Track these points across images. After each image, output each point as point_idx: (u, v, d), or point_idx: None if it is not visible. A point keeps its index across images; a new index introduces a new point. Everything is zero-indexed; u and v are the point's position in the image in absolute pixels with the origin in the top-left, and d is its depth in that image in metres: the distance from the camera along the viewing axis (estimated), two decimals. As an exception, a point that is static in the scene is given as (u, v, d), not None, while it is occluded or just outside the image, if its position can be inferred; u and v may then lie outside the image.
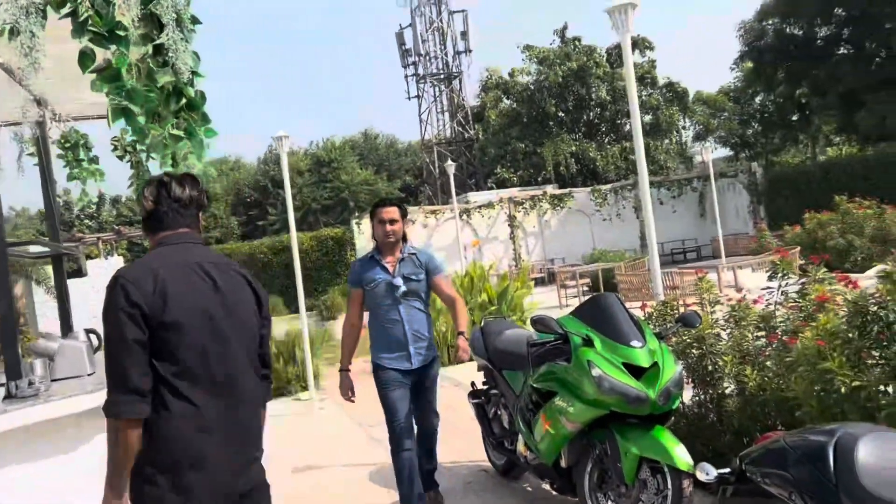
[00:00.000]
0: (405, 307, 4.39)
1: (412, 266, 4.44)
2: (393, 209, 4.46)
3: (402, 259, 4.44)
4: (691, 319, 3.95)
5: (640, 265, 16.00)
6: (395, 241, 4.43)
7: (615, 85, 34.48)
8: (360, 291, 4.47)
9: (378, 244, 4.50)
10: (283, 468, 6.13)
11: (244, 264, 20.64)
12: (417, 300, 4.44)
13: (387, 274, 4.40)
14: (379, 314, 4.46)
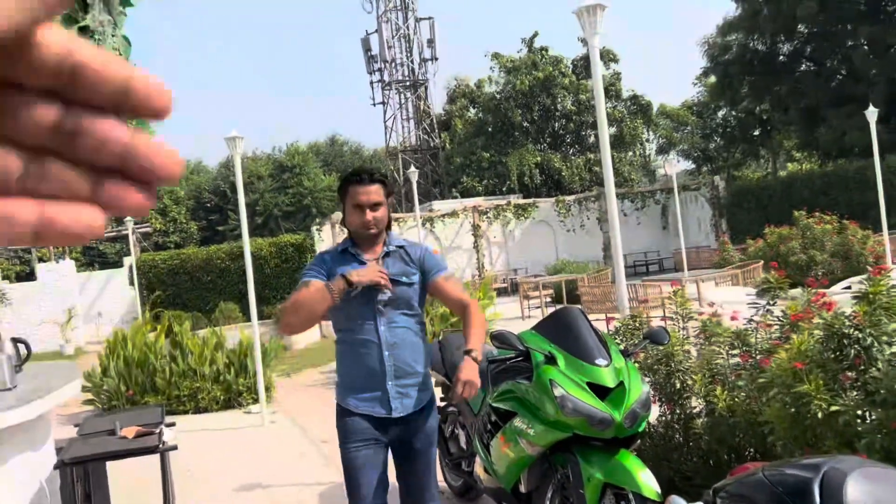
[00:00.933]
0: (386, 324, 2.95)
1: (401, 264, 3.03)
2: (374, 188, 2.95)
3: (386, 254, 3.03)
4: (659, 336, 3.73)
5: (603, 276, 15.91)
6: (377, 233, 3.00)
7: (580, 96, 34.63)
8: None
9: (352, 234, 3.07)
10: (227, 485, 5.79)
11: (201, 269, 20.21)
12: (406, 314, 3.01)
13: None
14: (349, 333, 3.01)
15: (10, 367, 3.89)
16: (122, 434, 3.94)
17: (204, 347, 9.12)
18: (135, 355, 9.05)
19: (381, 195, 2.99)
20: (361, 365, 3.00)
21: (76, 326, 21.05)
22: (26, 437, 3.83)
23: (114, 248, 36.08)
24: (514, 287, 22.99)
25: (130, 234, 22.39)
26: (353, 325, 2.99)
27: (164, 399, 8.75)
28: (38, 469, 4.08)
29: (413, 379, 3.01)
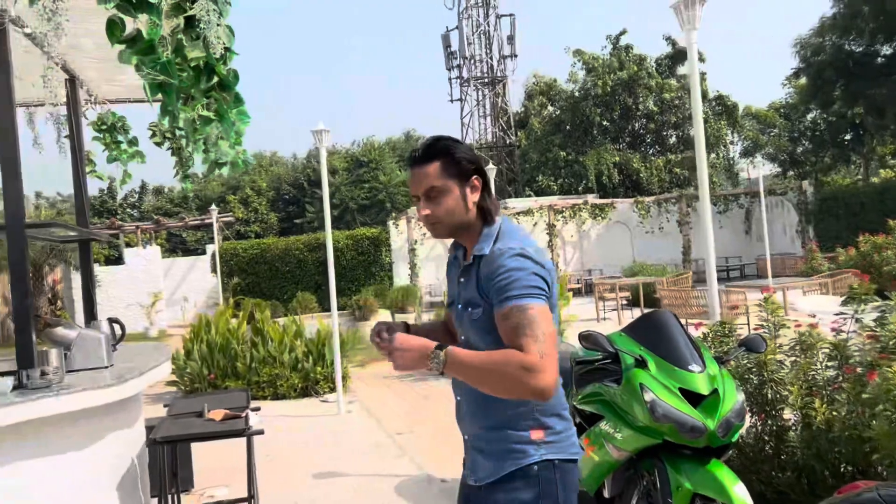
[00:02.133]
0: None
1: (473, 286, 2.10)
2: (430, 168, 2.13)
3: (468, 265, 2.15)
4: (756, 344, 3.59)
5: (682, 280, 15.52)
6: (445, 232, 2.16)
7: (663, 96, 33.88)
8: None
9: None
10: (304, 471, 5.88)
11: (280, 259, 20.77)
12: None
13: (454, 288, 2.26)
14: None
15: (108, 346, 4.03)
16: (209, 416, 4.04)
17: (284, 335, 9.31)
18: (217, 340, 9.30)
19: (441, 177, 2.11)
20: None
21: (160, 310, 21.84)
22: (121, 415, 3.97)
23: (195, 236, 37.25)
24: (588, 288, 22.68)
25: (214, 223, 23.06)
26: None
27: (244, 384, 8.96)
28: (130, 445, 4.23)
29: (485, 439, 2.17)
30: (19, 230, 3.47)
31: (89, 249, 5.18)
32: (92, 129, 5.88)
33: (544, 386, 1.84)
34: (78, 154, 5.25)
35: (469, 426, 2.25)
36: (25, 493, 3.31)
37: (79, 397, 3.33)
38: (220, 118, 3.14)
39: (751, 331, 6.90)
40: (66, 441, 3.50)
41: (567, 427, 2.13)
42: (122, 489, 3.95)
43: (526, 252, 1.99)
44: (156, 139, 6.00)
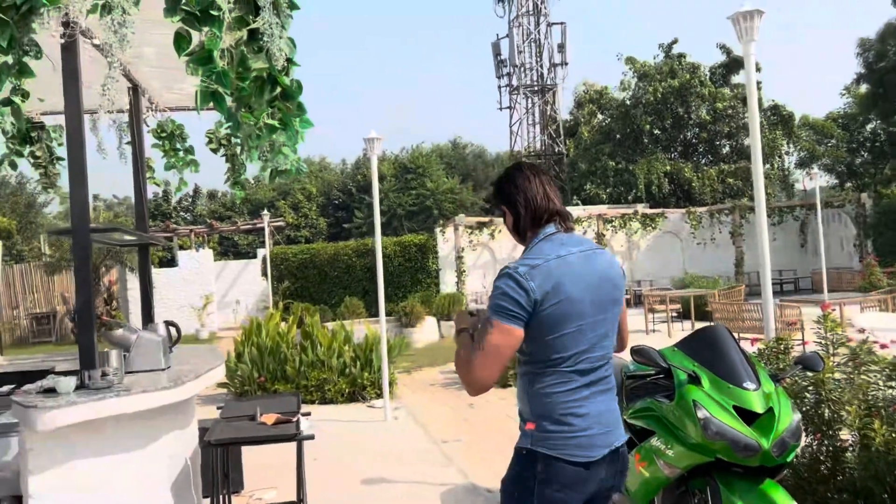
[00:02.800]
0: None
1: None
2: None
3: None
4: (813, 362, 3.50)
5: (735, 293, 15.23)
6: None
7: (717, 105, 33.34)
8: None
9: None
10: (351, 476, 5.94)
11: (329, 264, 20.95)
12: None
13: None
14: None
15: (165, 349, 4.14)
16: (262, 420, 4.11)
17: (333, 340, 9.41)
18: (268, 343, 9.45)
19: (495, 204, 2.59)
20: None
21: (211, 312, 22.28)
22: (177, 416, 4.06)
23: (247, 240, 37.90)
24: (637, 299, 22.40)
25: (266, 227, 23.44)
26: None
27: (293, 387, 9.08)
28: (184, 446, 4.33)
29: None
30: (85, 234, 3.59)
31: (148, 253, 5.33)
32: (152, 136, 6.05)
33: (468, 383, 2.31)
34: (139, 160, 5.41)
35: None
36: (84, 490, 3.41)
37: (138, 399, 3.43)
38: (285, 126, 3.21)
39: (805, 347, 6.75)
40: (124, 440, 3.60)
41: (561, 430, 2.33)
42: (176, 488, 4.04)
43: (511, 272, 2.30)
44: (212, 146, 6.15)
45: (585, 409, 2.34)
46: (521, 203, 2.45)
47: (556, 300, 2.26)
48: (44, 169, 5.78)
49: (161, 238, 6.47)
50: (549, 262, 2.30)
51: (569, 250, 2.36)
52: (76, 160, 3.61)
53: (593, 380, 2.38)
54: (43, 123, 5.89)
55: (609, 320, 2.43)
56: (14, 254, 28.63)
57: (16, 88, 3.21)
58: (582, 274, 2.34)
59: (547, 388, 2.34)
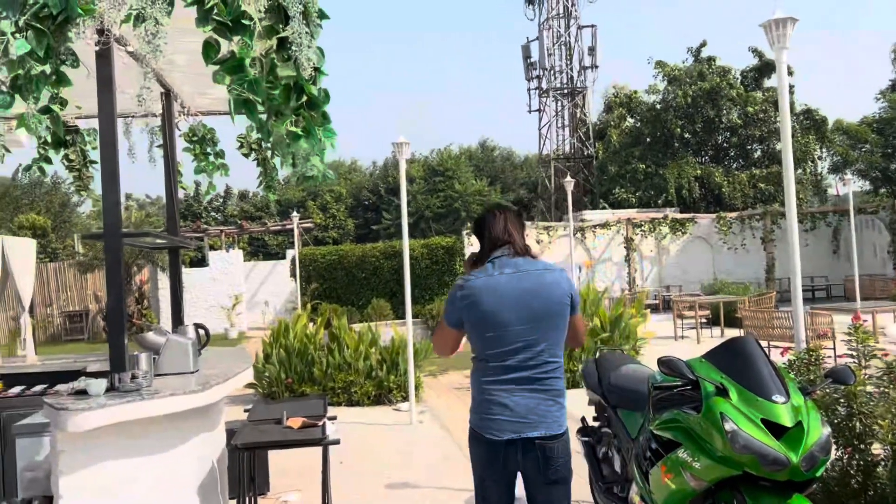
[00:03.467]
0: None
1: None
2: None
3: None
4: (844, 376, 3.45)
5: (765, 300, 15.03)
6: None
7: (748, 109, 32.95)
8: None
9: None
10: (376, 480, 5.96)
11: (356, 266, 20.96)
12: None
13: None
14: None
15: (194, 353, 4.19)
16: (288, 424, 4.14)
17: (359, 343, 9.45)
18: (295, 345, 9.52)
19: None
20: None
21: (241, 312, 22.49)
22: (204, 419, 4.11)
23: (276, 240, 38.21)
24: (665, 305, 22.20)
25: (295, 229, 23.62)
26: None
27: (319, 389, 9.14)
28: (212, 448, 4.37)
29: None
30: (116, 239, 3.64)
31: (178, 256, 5.40)
32: (183, 140, 6.12)
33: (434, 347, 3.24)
34: (170, 164, 5.48)
35: None
36: (113, 491, 3.47)
37: (166, 402, 3.47)
38: (308, 134, 3.23)
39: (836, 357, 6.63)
40: (152, 442, 3.65)
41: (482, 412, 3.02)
42: (202, 490, 4.09)
43: (455, 286, 3.09)
44: (243, 150, 6.21)
45: (505, 399, 2.96)
46: (486, 235, 3.15)
47: (476, 310, 2.96)
48: (77, 172, 5.89)
49: (191, 241, 6.55)
50: (479, 280, 3.00)
51: (502, 271, 3.01)
52: (109, 165, 3.67)
53: (520, 377, 2.97)
54: (77, 127, 6.00)
55: (540, 329, 2.98)
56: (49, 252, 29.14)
57: (54, 97, 3.27)
58: (505, 291, 2.97)
59: (480, 377, 3.03)
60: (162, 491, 3.70)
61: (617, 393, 4.44)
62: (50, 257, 27.85)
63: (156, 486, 3.67)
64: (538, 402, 3.00)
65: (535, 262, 3.10)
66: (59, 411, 3.18)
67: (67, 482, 3.29)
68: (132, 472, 3.55)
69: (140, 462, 3.59)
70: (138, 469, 3.58)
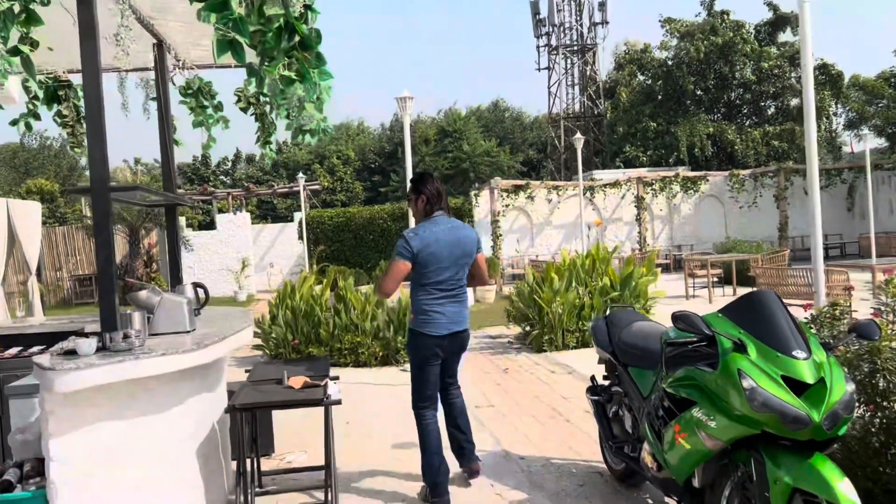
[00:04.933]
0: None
1: None
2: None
3: None
4: (870, 330, 3.26)
5: (779, 258, 14.81)
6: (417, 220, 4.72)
7: (762, 64, 32.28)
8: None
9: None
10: (383, 440, 5.86)
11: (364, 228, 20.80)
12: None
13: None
14: None
15: (190, 311, 4.05)
16: (288, 384, 4.01)
17: (366, 303, 9.33)
18: (302, 306, 9.40)
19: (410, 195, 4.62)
20: None
21: (249, 275, 22.44)
22: (202, 379, 3.99)
23: (285, 203, 38.07)
24: (676, 264, 22.00)
25: (302, 191, 23.43)
26: None
27: (326, 351, 9.05)
28: (211, 409, 4.26)
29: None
30: (104, 193, 3.48)
31: (175, 214, 5.24)
32: (179, 93, 5.93)
33: (377, 292, 4.48)
34: (165, 119, 5.29)
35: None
36: (106, 455, 3.35)
37: (158, 362, 3.34)
38: (302, 78, 3.04)
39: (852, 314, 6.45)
40: (147, 403, 3.53)
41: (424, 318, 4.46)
42: (202, 452, 3.99)
43: (405, 235, 4.42)
44: (241, 104, 6.01)
45: (440, 309, 4.44)
46: (427, 195, 4.49)
47: (426, 251, 4.33)
48: (71, 128, 5.71)
49: (189, 199, 6.38)
50: (426, 232, 4.38)
51: (440, 228, 4.43)
52: (94, 117, 3.49)
53: (447, 294, 4.45)
54: (70, 82, 5.81)
55: (460, 265, 4.49)
56: (58, 216, 29.12)
57: (24, 37, 3.07)
58: (443, 240, 4.39)
59: (422, 297, 4.45)
60: (158, 452, 3.59)
61: (628, 350, 4.29)
62: (59, 221, 27.83)
63: (152, 447, 3.56)
64: (460, 309, 4.52)
65: (458, 222, 4.58)
66: (46, 371, 3.06)
67: (58, 444, 3.18)
68: (126, 433, 3.44)
69: (135, 423, 3.48)
70: (133, 430, 3.47)
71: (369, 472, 5.12)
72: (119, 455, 3.40)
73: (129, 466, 3.43)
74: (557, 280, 9.91)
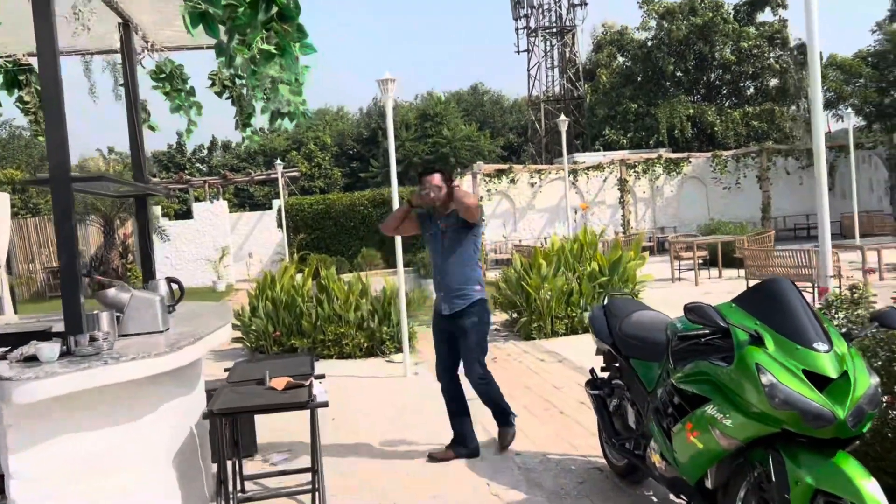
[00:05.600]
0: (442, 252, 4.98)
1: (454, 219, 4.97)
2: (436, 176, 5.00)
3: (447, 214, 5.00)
4: (892, 319, 3.06)
5: (765, 239, 14.71)
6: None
7: (741, 44, 32.17)
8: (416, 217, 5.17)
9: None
10: (370, 437, 5.63)
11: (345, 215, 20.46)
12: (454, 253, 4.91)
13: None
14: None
15: (163, 310, 3.78)
16: (271, 384, 3.76)
17: (349, 293, 9.06)
18: (282, 297, 9.12)
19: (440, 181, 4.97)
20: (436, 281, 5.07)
21: (228, 264, 22.04)
22: (178, 382, 3.72)
23: (263, 191, 37.55)
24: (660, 246, 21.91)
25: (279, 178, 23.02)
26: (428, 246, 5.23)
27: (309, 342, 8.78)
28: (188, 413, 3.99)
29: (455, 293, 4.90)
30: (65, 183, 3.19)
31: (146, 205, 4.94)
32: (150, 77, 5.61)
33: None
34: (133, 104, 4.99)
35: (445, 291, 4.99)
36: (73, 469, 3.09)
37: (128, 367, 3.08)
38: (283, 53, 2.76)
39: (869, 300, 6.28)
40: (117, 412, 3.26)
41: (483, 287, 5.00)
42: (179, 459, 3.73)
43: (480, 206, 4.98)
44: (215, 88, 5.71)
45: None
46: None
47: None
48: (33, 115, 5.38)
49: (163, 188, 6.07)
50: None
51: None
52: (52, 101, 3.20)
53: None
54: (31, 66, 5.47)
55: None
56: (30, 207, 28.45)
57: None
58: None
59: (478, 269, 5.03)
60: (131, 463, 3.33)
61: (630, 342, 4.07)
62: (31, 212, 27.18)
63: (124, 458, 3.29)
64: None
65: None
66: (2, 382, 2.78)
67: (18, 460, 2.91)
68: (95, 445, 3.17)
69: (104, 434, 3.21)
70: (102, 441, 3.21)
71: (357, 473, 4.89)
72: (88, 469, 3.13)
73: (99, 480, 3.17)
74: (545, 266, 9.70)
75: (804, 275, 9.75)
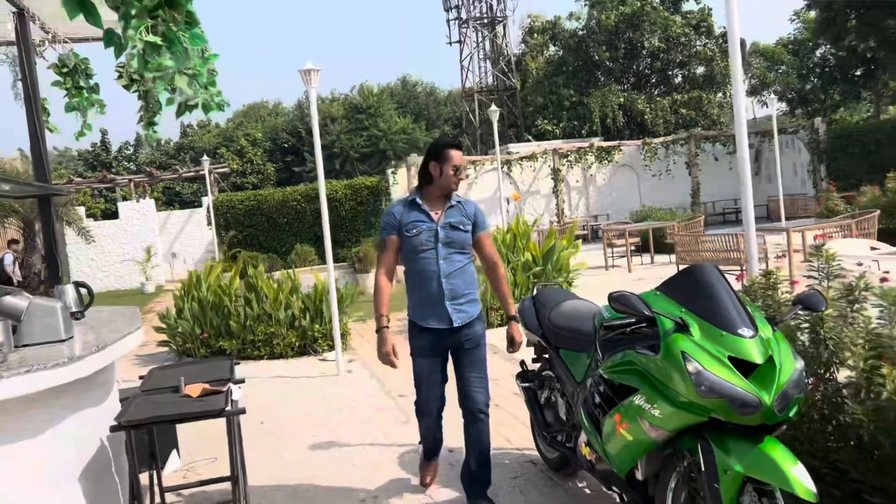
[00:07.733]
0: (445, 259, 3.92)
1: (459, 215, 3.95)
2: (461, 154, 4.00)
3: (450, 206, 3.95)
4: (815, 302, 3.06)
5: (694, 224, 14.97)
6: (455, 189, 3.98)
7: (669, 32, 32.78)
8: (397, 238, 3.96)
9: (427, 188, 3.97)
10: (301, 440, 5.45)
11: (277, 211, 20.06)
12: (459, 253, 3.97)
13: (431, 221, 3.91)
14: (416, 266, 3.98)
15: (65, 317, 3.52)
16: (185, 392, 3.55)
17: (279, 291, 8.81)
18: (209, 298, 8.83)
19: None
20: (428, 288, 3.96)
21: (156, 265, 21.36)
22: (83, 394, 3.48)
23: (191, 188, 36.59)
24: (594, 234, 22.15)
25: (207, 175, 22.41)
26: (420, 260, 3.94)
27: (238, 344, 8.52)
28: (98, 425, 3.75)
29: (463, 299, 3.97)
30: (-57, 185, 2.93)
31: (50, 206, 4.64)
32: (53, 72, 5.29)
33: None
34: (33, 100, 4.68)
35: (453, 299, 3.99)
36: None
37: (22, 381, 2.84)
38: (170, 44, 2.55)
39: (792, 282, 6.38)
40: (13, 428, 3.02)
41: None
42: (89, 475, 3.49)
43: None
44: (122, 81, 5.39)
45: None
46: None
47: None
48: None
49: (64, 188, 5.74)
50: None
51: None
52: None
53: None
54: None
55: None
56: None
57: None
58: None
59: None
60: (34, 482, 3.09)
61: (558, 332, 4.00)
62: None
63: (26, 476, 3.05)
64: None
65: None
66: None
67: None
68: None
69: (3, 451, 2.97)
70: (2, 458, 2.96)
71: (285, 479, 4.71)
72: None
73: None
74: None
75: (733, 258, 9.91)
